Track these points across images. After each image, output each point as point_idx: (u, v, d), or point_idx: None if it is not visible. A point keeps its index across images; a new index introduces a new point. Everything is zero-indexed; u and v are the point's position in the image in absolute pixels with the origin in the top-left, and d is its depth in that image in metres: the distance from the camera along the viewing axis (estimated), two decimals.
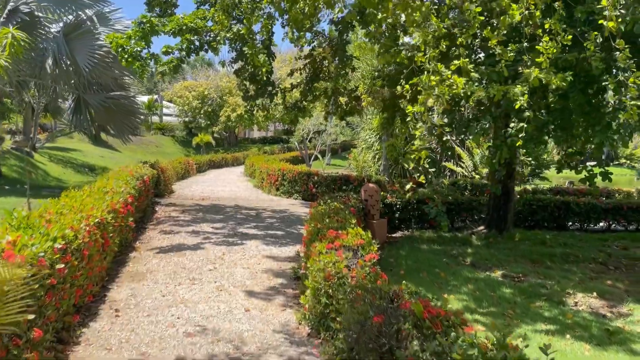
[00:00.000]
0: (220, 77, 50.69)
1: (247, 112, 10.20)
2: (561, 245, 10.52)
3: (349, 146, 50.60)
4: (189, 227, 10.66)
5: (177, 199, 16.11)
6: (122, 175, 10.56)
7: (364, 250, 5.93)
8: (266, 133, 61.74)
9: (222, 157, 37.80)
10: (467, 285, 7.64)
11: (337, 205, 8.89)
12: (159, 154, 44.54)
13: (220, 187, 20.78)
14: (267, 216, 12.85)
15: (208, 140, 41.80)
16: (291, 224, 11.75)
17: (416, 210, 11.82)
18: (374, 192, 10.42)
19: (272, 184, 18.59)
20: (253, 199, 17.12)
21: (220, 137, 51.97)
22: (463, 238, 10.96)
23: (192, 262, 7.75)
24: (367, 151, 24.11)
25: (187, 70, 59.67)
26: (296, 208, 14.86)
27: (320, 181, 17.01)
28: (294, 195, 17.54)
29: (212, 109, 47.91)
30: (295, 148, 45.88)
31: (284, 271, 7.54)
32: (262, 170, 20.07)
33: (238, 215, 12.79)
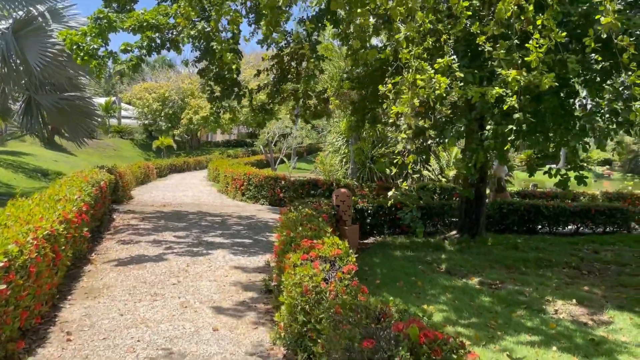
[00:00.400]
0: (182, 79, 49.58)
1: (212, 114, 9.68)
2: (533, 250, 10.41)
3: (315, 149, 50.30)
4: (149, 236, 10.03)
5: (136, 205, 15.35)
6: (76, 181, 9.85)
7: (341, 261, 5.53)
8: (229, 136, 60.80)
9: (184, 161, 36.80)
10: (445, 294, 7.35)
11: (308, 211, 8.47)
12: (117, 157, 43.11)
13: (182, 193, 20.05)
14: (234, 223, 12.31)
15: (169, 143, 40.73)
16: (259, 231, 11.26)
17: (388, 216, 11.53)
18: (346, 197, 10.05)
19: (238, 188, 18.03)
20: (218, 204, 16.52)
21: (182, 141, 50.79)
22: (436, 243, 10.72)
23: (153, 276, 7.18)
24: (334, 155, 23.82)
25: (146, 72, 58.15)
26: (263, 214, 14.36)
27: (287, 186, 16.57)
28: (260, 200, 17.02)
29: (173, 111, 46.76)
30: (260, 152, 45.24)
31: (254, 283, 7.07)
32: (227, 175, 19.47)
33: (202, 222, 12.20)
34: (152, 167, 28.40)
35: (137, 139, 51.36)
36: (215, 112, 10.25)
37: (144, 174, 25.66)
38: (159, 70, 58.95)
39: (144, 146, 48.76)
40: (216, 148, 52.50)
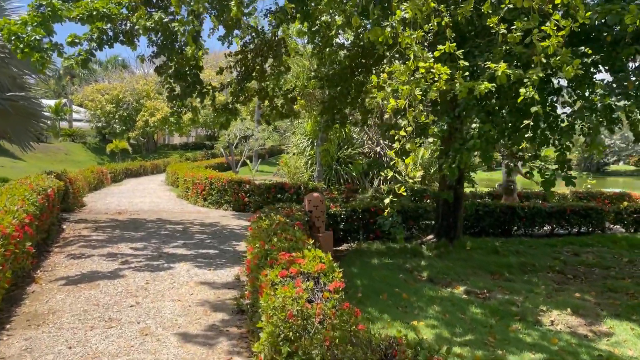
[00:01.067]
0: (137, 80, 47.81)
1: (173, 113, 8.80)
2: (514, 254, 10.02)
3: (277, 152, 49.49)
4: (103, 248, 9.07)
5: (89, 213, 14.22)
6: (19, 189, 8.80)
7: (326, 277, 4.85)
8: (187, 139, 59.18)
9: (140, 164, 35.28)
10: (432, 306, 6.78)
11: (280, 218, 7.76)
12: (68, 162, 41.06)
13: (139, 199, 18.90)
14: (196, 231, 11.44)
15: (124, 146, 39.07)
16: (225, 240, 10.44)
17: (362, 220, 10.93)
18: (319, 202, 9.38)
19: (199, 193, 17.08)
20: (177, 211, 15.54)
21: (137, 144, 48.97)
22: (413, 249, 10.19)
23: (107, 296, 6.30)
24: (299, 157, 23.13)
25: (99, 73, 55.89)
26: (228, 220, 13.51)
27: (252, 190, 15.76)
28: (223, 205, 16.14)
29: (128, 113, 44.99)
30: (220, 154, 44.04)
31: (224, 302, 6.29)
32: (187, 179, 18.47)
33: (162, 231, 11.28)
34: (106, 172, 26.95)
35: (90, 142, 49.19)
36: (176, 111, 9.34)
37: (97, 179, 24.26)
38: (112, 71, 56.82)
39: (97, 150, 46.70)
40: (174, 151, 50.90)
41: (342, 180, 22.08)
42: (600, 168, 52.29)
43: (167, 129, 44.09)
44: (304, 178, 22.38)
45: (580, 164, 52.34)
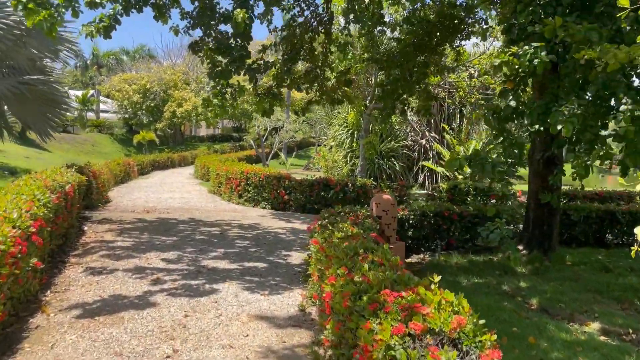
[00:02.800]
0: (164, 70, 46.61)
1: (217, 95, 7.12)
2: (630, 272, 8.09)
3: (305, 144, 47.86)
4: (129, 259, 7.47)
5: (114, 211, 12.73)
6: (30, 186, 7.24)
7: (471, 340, 3.12)
8: (214, 130, 57.99)
9: (167, 157, 34.03)
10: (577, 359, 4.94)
11: (351, 229, 6.04)
12: (94, 153, 40.11)
13: (168, 194, 17.41)
14: (236, 236, 9.79)
15: (151, 138, 37.90)
16: (271, 248, 8.76)
17: (433, 226, 9.13)
18: (389, 206, 7.62)
19: (234, 189, 15.47)
20: (211, 208, 13.96)
21: (164, 135, 47.88)
22: (501, 263, 8.35)
23: (134, 339, 4.65)
24: (337, 149, 21.37)
25: (126, 63, 54.94)
26: (268, 221, 11.85)
27: (293, 186, 14.07)
28: (261, 203, 14.50)
29: (155, 104, 43.85)
30: (248, 146, 42.60)
31: (294, 351, 4.57)
32: (220, 173, 16.88)
33: (196, 235, 9.67)
34: (133, 164, 25.67)
35: (117, 133, 48.28)
36: (220, 92, 7.61)
37: (124, 171, 22.95)
38: (139, 61, 55.80)
39: (124, 141, 45.72)
40: (201, 143, 49.69)
41: (385, 176, 20.29)
42: None
43: (194, 119, 42.76)
44: (343, 172, 20.65)
45: None
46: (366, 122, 17.00)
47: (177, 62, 53.29)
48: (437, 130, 21.62)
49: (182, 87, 45.16)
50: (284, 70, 10.30)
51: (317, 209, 13.61)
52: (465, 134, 20.85)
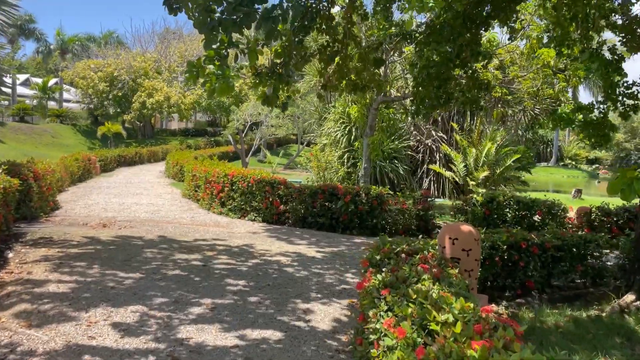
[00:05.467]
0: (134, 57, 43.07)
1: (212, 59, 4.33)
2: None
3: (285, 141, 45.04)
4: (59, 325, 4.63)
5: (59, 224, 9.79)
6: None
7: None
8: (187, 124, 54.58)
9: (135, 151, 30.80)
10: None
11: (444, 294, 3.42)
12: (54, 146, 36.47)
13: (133, 198, 14.43)
14: (225, 269, 7.01)
15: (117, 130, 34.52)
16: (281, 294, 6.01)
17: (506, 263, 6.53)
18: (472, 244, 4.97)
19: (215, 195, 12.62)
20: (187, 221, 11.10)
21: (133, 128, 44.43)
22: (616, 323, 5.80)
23: None
24: (332, 149, 18.65)
25: (92, 49, 51.02)
26: (264, 242, 9.09)
27: (291, 194, 11.32)
28: (250, 214, 11.70)
29: (123, 93, 40.36)
30: (224, 142, 39.55)
31: None
32: (198, 175, 13.99)
33: (169, 268, 6.84)
34: (94, 160, 22.48)
35: (81, 124, 44.55)
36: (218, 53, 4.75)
37: (83, 168, 19.81)
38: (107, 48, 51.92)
39: (88, 133, 42.04)
40: (173, 137, 46.34)
41: (387, 180, 17.70)
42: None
43: (166, 111, 39.42)
44: (338, 176, 17.96)
45: (615, 164, 48.09)
46: (372, 117, 14.40)
47: (149, 50, 49.68)
48: (445, 130, 19.15)
49: (153, 76, 41.76)
50: (293, 43, 7.53)
51: (320, 223, 10.92)
52: (477, 135, 18.41)
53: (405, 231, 10.86)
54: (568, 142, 51.99)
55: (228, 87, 3.76)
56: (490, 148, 17.87)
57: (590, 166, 49.09)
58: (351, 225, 10.79)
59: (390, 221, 10.89)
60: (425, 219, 11.06)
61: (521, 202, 10.80)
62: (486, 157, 17.91)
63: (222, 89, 3.75)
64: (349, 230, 10.76)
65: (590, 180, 41.26)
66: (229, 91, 3.81)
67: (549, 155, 48.85)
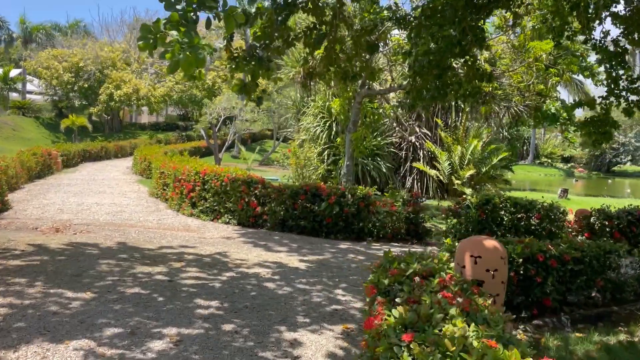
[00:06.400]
0: (101, 46, 41.19)
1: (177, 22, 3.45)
2: None
3: (260, 136, 43.83)
4: None
5: (5, 228, 8.59)
6: None
7: None
8: (157, 118, 52.74)
9: (101, 146, 29.23)
10: None
11: (466, 327, 2.51)
12: (15, 139, 34.46)
13: (95, 197, 13.19)
14: (195, 286, 5.96)
15: (82, 123, 32.82)
16: (261, 319, 5.01)
17: (521, 279, 5.65)
18: (498, 263, 4.07)
19: (185, 195, 11.50)
20: (153, 225, 9.98)
21: (100, 121, 42.52)
22: None
23: None
24: (311, 145, 17.67)
25: (57, 38, 48.80)
26: (240, 249, 8.05)
27: (269, 195, 10.31)
28: (223, 216, 10.65)
29: (89, 84, 38.52)
30: (196, 137, 38.12)
31: None
32: (166, 172, 12.83)
33: (128, 285, 5.77)
34: (55, 155, 20.99)
35: (44, 117, 42.43)
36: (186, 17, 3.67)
37: (42, 164, 18.38)
38: (73, 37, 49.75)
39: (52, 126, 40.02)
40: (142, 131, 44.55)
41: (369, 179, 16.82)
42: (610, 168, 48.45)
43: (135, 104, 37.75)
44: (317, 174, 17.01)
45: (589, 162, 48.40)
46: (356, 112, 13.48)
47: (117, 40, 47.74)
48: (429, 126, 18.34)
49: (122, 67, 40.01)
50: (275, 22, 6.53)
51: (302, 227, 9.94)
52: (463, 132, 17.68)
53: (394, 235, 9.98)
54: (544, 140, 52.13)
55: (197, 59, 2.76)
56: (477, 145, 17.16)
57: (566, 164, 49.33)
58: (335, 229, 9.85)
59: (378, 225, 9.98)
60: (415, 222, 10.19)
61: (518, 204, 10.00)
62: (472, 155, 17.19)
63: (188, 61, 2.74)
64: (333, 235, 9.81)
65: (566, 179, 41.32)
66: (198, 64, 2.79)
67: (525, 154, 48.82)
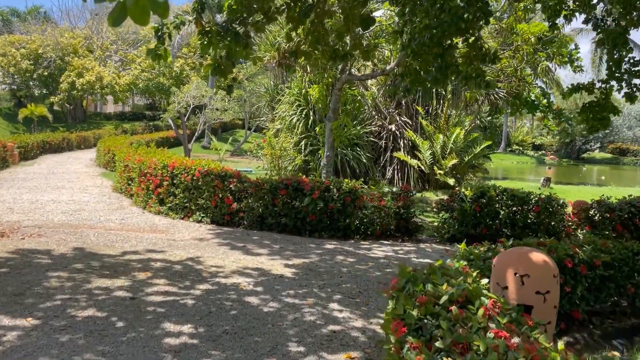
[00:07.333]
0: (61, 32, 39.08)
1: None
2: None
3: (231, 126, 42.53)
4: None
5: None
6: None
7: None
8: (123, 107, 50.72)
9: (62, 137, 27.60)
10: None
11: None
12: None
13: (52, 194, 11.97)
14: (163, 305, 5.00)
15: (42, 113, 30.99)
16: (245, 345, 4.10)
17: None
18: (550, 282, 3.25)
19: (152, 191, 10.42)
20: (116, 225, 8.89)
21: (62, 111, 40.49)
22: None
23: None
24: (287, 134, 16.69)
25: (15, 24, 46.23)
26: (215, 254, 7.08)
27: (246, 190, 9.34)
28: (195, 214, 9.63)
29: (49, 72, 36.51)
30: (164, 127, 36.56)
31: None
32: (131, 165, 11.69)
33: (81, 306, 4.78)
34: (11, 147, 19.48)
35: (3, 107, 40.18)
36: None
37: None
38: (32, 23, 47.20)
39: (10, 117, 37.88)
40: (107, 121, 42.70)
41: (349, 169, 15.98)
42: (580, 155, 48.88)
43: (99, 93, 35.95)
44: (294, 164, 16.08)
45: (560, 149, 48.71)
46: (336, 99, 12.57)
47: (78, 26, 45.49)
48: (409, 114, 17.56)
49: (84, 54, 38.07)
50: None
51: (283, 225, 9.03)
52: (444, 120, 16.96)
53: (383, 232, 9.17)
54: (515, 128, 52.26)
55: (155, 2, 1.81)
56: (459, 134, 16.50)
57: (536, 152, 49.59)
58: (320, 227, 8.97)
59: (366, 221, 9.16)
60: (406, 217, 9.38)
61: (516, 197, 9.30)
62: (454, 144, 16.53)
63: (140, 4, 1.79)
64: (318, 233, 8.93)
65: (538, 166, 41.38)
66: (155, 8, 1.85)
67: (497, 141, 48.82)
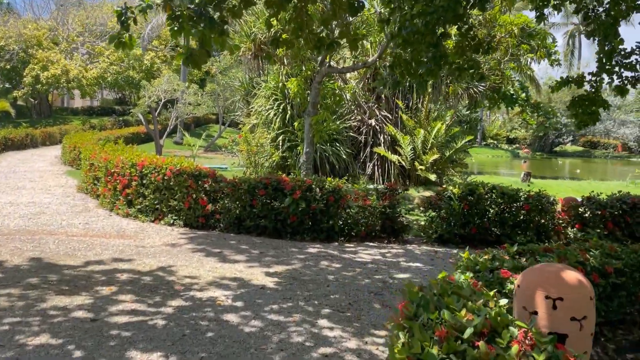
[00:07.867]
0: (24, 24, 37.43)
1: None
2: None
3: (204, 121, 41.54)
4: None
5: None
6: None
7: None
8: (91, 102, 49.09)
9: (26, 133, 26.35)
10: None
11: None
12: None
13: (10, 196, 11.10)
14: (130, 327, 4.38)
15: (4, 108, 29.53)
16: None
17: None
18: (587, 306, 2.77)
19: (119, 192, 9.69)
20: (79, 231, 8.16)
21: (26, 106, 38.87)
22: None
23: None
24: (263, 130, 16.05)
25: None
26: (188, 262, 6.45)
27: (222, 190, 8.71)
28: (167, 216, 8.96)
29: (12, 65, 34.93)
30: (135, 122, 35.41)
31: None
32: (97, 164, 10.91)
33: (32, 331, 4.14)
34: None
35: None
36: None
37: None
38: None
39: None
40: (75, 116, 41.16)
41: (328, 165, 15.46)
42: (552, 148, 49.38)
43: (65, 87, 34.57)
44: (271, 161, 15.49)
45: (533, 143, 49.11)
46: (315, 93, 12.01)
47: (42, 17, 43.72)
48: (389, 108, 17.10)
49: (49, 46, 36.54)
50: None
51: (262, 227, 8.45)
52: (425, 114, 16.56)
53: (368, 233, 8.67)
54: (490, 122, 52.53)
55: None
56: (440, 128, 16.12)
57: (510, 145, 49.92)
58: (302, 229, 8.41)
59: (350, 221, 8.64)
60: (391, 217, 8.90)
61: (505, 194, 8.90)
62: (435, 139, 16.15)
63: None
64: (300, 235, 8.38)
65: (513, 159, 41.59)
66: None
67: None
